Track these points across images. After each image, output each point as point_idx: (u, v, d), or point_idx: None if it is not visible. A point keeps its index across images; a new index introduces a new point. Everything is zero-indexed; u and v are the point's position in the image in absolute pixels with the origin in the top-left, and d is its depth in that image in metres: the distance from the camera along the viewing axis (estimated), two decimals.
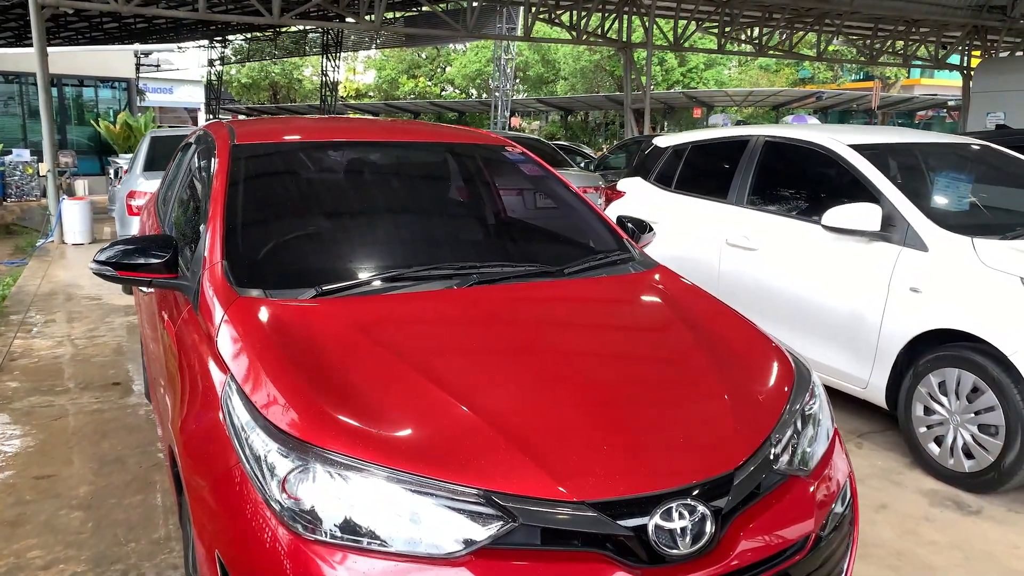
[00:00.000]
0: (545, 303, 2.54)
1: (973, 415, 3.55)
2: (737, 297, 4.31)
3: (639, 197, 5.74)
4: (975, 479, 3.56)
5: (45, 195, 12.59)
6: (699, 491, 1.78)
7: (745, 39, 20.34)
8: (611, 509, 1.71)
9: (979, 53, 20.89)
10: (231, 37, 38.00)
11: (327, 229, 2.89)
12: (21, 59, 19.08)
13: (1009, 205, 4.56)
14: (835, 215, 4.03)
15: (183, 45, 35.65)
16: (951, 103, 29.80)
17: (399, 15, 22.58)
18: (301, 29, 36.32)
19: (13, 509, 3.30)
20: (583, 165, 13.28)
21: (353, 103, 45.74)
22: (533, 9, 17.37)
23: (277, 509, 1.70)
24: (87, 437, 4.07)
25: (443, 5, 18.48)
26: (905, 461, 3.90)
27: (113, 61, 21.75)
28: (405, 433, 1.80)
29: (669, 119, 38.26)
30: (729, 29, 19.07)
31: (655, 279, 2.79)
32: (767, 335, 2.49)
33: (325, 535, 1.66)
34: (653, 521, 1.72)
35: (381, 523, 1.66)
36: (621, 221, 3.26)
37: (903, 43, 21.29)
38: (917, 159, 4.53)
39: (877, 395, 4.00)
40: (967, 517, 3.41)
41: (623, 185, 6.07)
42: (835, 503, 2.06)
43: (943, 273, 3.67)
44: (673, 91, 35.80)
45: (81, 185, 15.42)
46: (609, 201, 6.63)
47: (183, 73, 41.42)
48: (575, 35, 17.88)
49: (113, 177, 13.24)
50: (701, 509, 1.76)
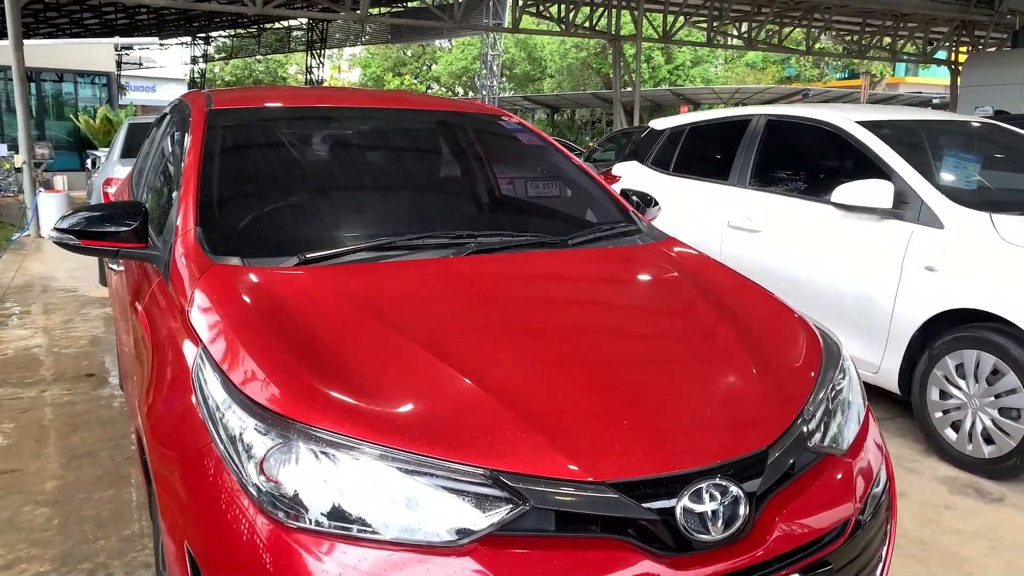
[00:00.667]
0: (552, 273, 2.33)
1: (993, 398, 3.38)
2: None
3: (636, 181, 5.53)
4: (996, 465, 3.39)
5: (23, 191, 12.25)
6: (731, 470, 1.59)
7: (734, 34, 20.23)
8: (634, 490, 1.51)
9: (966, 49, 20.89)
10: (215, 34, 37.63)
11: (311, 196, 2.66)
12: None
13: (1021, 183, 4.41)
14: (845, 192, 3.85)
15: (166, 42, 35.23)
16: (936, 101, 29.85)
17: (384, 10, 22.36)
18: (285, 25, 35.97)
19: None
20: None
21: None
22: (521, 1, 17.18)
23: (255, 495, 1.49)
24: (57, 430, 3.83)
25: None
26: (919, 448, 3.73)
27: (93, 55, 21.30)
28: (401, 408, 1.59)
29: (656, 116, 38.11)
30: (717, 24, 18.95)
31: (667, 250, 2.58)
32: (791, 308, 2.30)
33: (310, 523, 1.45)
34: (681, 503, 1.52)
35: (374, 508, 1.45)
36: (626, 194, 3.06)
37: (891, 39, 21.28)
38: (927, 137, 4.36)
39: (889, 380, 3.82)
40: (989, 505, 3.23)
41: (619, 169, 5.87)
42: (873, 485, 1.87)
43: (961, 250, 3.50)
44: (660, 88, 35.67)
45: (60, 180, 15.05)
46: None
47: (166, 71, 40.97)
48: (563, 27, 17.70)
49: (91, 168, 12.95)
50: (734, 490, 1.56)
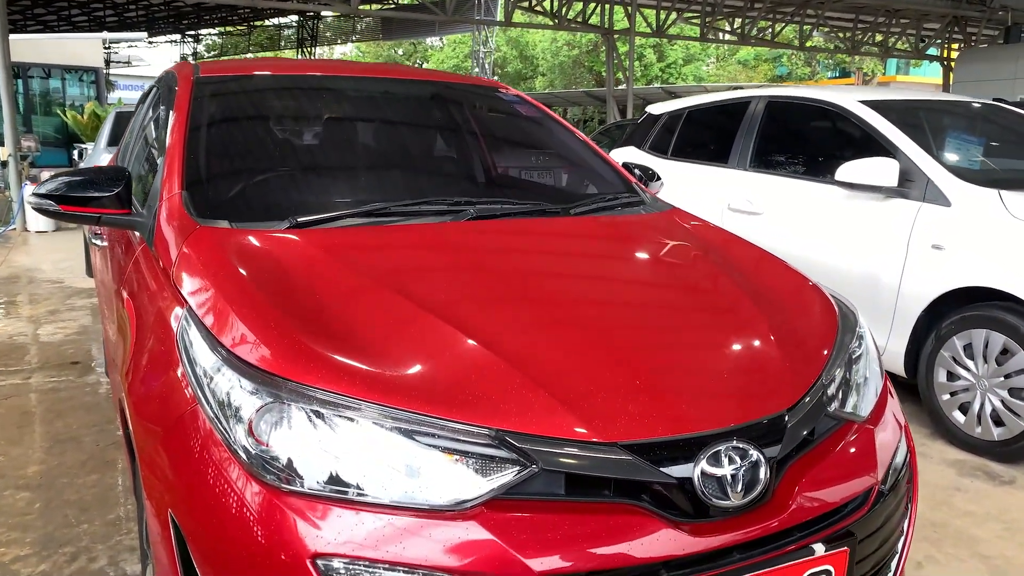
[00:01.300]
0: (556, 239, 2.23)
1: (1003, 378, 3.30)
2: None
3: None
4: (1006, 447, 3.31)
5: (8, 188, 12.06)
6: (749, 434, 1.50)
7: (727, 29, 20.18)
8: (648, 453, 1.42)
9: (958, 45, 20.90)
10: (204, 32, 37.41)
11: (302, 163, 2.56)
12: None
13: None
14: (849, 170, 3.77)
15: (154, 40, 35.03)
16: None
17: (375, 7, 22.26)
18: (276, 23, 35.78)
19: None
20: None
21: None
22: None
23: (244, 458, 1.39)
24: (40, 416, 3.71)
25: None
26: (926, 432, 3.65)
27: (81, 50, 21.02)
28: (400, 367, 1.48)
29: None
30: (710, 19, 18.90)
31: (675, 218, 2.50)
32: (804, 275, 2.21)
33: (302, 487, 1.35)
34: (699, 467, 1.43)
35: (372, 470, 1.35)
36: (628, 167, 2.97)
37: (883, 35, 21.28)
38: (930, 116, 4.29)
39: (895, 362, 3.74)
40: (1000, 487, 3.16)
41: (616, 155, 5.78)
42: (895, 454, 1.79)
43: (969, 228, 3.42)
44: (652, 86, 35.61)
45: (47, 176, 14.84)
46: None
47: (154, 69, 40.68)
48: (556, 22, 17.61)
49: (79, 159, 12.77)
50: (754, 453, 1.47)
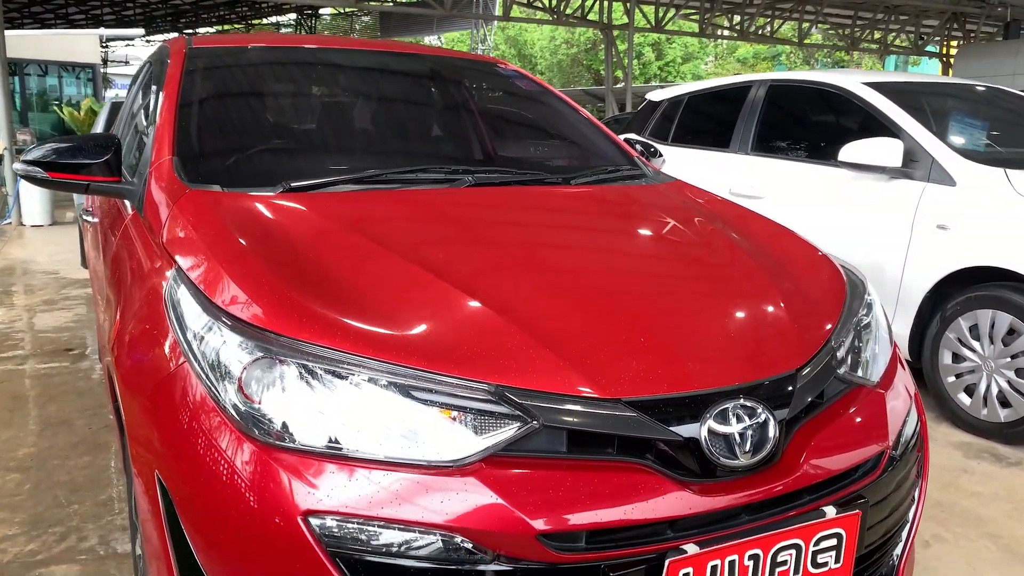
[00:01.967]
0: (558, 205, 2.18)
1: (1010, 359, 3.25)
2: None
3: None
4: (1012, 429, 3.26)
5: (4, 184, 11.99)
6: (757, 393, 1.45)
7: (726, 25, 20.14)
8: (652, 410, 1.37)
9: (957, 42, 20.86)
10: (202, 30, 37.33)
11: (296, 131, 2.52)
12: None
13: None
14: (853, 151, 3.72)
15: (152, 38, 34.91)
16: None
17: (375, 3, 22.20)
18: (274, 22, 35.71)
19: None
20: None
21: None
22: None
23: (233, 415, 1.34)
24: (32, 400, 3.66)
25: None
26: (931, 415, 3.59)
27: (78, 46, 20.96)
28: (397, 323, 1.43)
29: None
30: (708, 15, 18.86)
31: (678, 189, 2.45)
32: (811, 242, 2.16)
33: (295, 443, 1.30)
34: (706, 425, 1.38)
35: (368, 426, 1.30)
36: (630, 141, 2.92)
37: (882, 32, 21.24)
38: (932, 98, 4.25)
39: (899, 345, 3.68)
40: (1007, 469, 3.11)
41: None
42: (905, 422, 1.73)
43: (975, 207, 3.38)
44: (650, 84, 35.58)
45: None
46: None
47: None
48: (555, 17, 17.57)
49: None
50: (762, 412, 1.42)
